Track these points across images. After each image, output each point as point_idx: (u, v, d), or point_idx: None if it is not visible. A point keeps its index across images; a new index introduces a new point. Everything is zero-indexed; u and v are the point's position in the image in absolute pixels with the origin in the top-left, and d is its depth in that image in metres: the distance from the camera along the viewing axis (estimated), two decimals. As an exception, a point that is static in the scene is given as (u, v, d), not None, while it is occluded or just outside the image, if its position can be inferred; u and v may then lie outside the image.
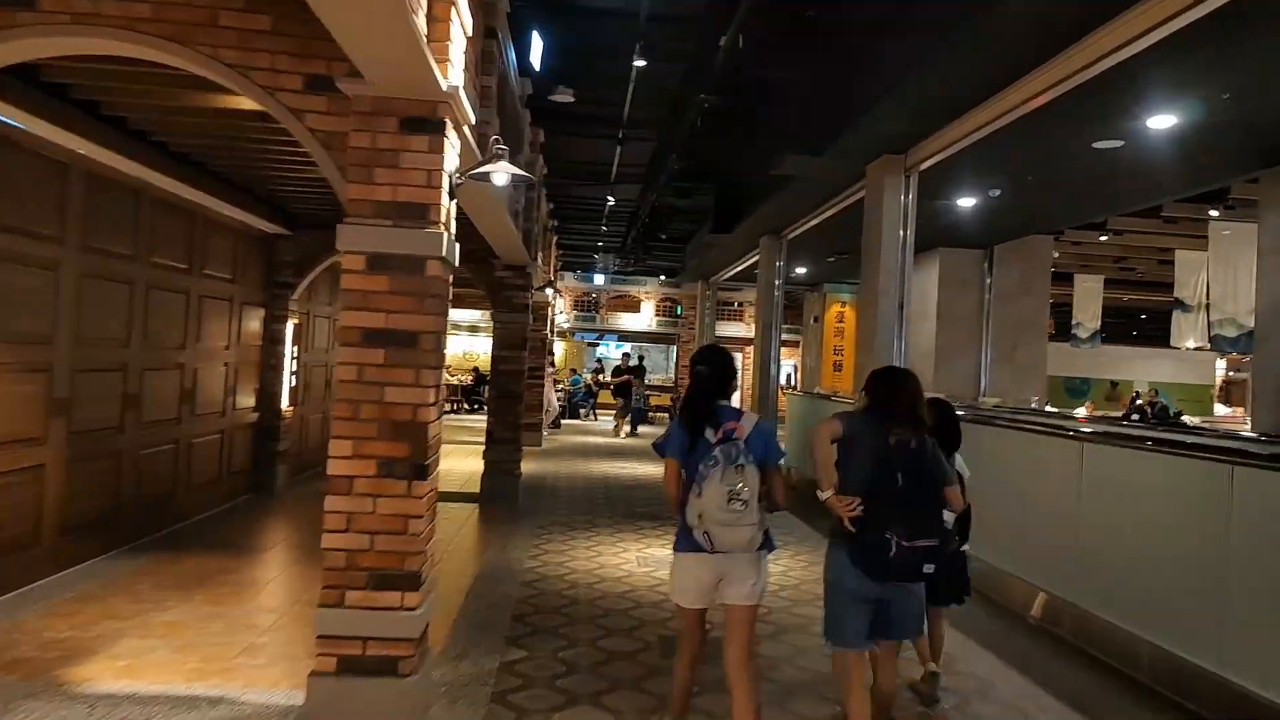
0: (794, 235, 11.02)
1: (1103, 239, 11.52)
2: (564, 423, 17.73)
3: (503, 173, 3.72)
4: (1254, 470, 3.80)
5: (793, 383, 21.32)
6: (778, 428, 12.20)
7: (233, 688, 3.69)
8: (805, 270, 15.17)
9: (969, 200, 8.44)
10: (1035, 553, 5.47)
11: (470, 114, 3.68)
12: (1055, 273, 11.60)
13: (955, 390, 10.58)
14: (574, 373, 21.46)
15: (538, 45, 6.66)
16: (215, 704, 3.52)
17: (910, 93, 5.68)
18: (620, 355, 20.10)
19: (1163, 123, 5.64)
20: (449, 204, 3.58)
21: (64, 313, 5.20)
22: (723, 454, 2.90)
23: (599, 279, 24.76)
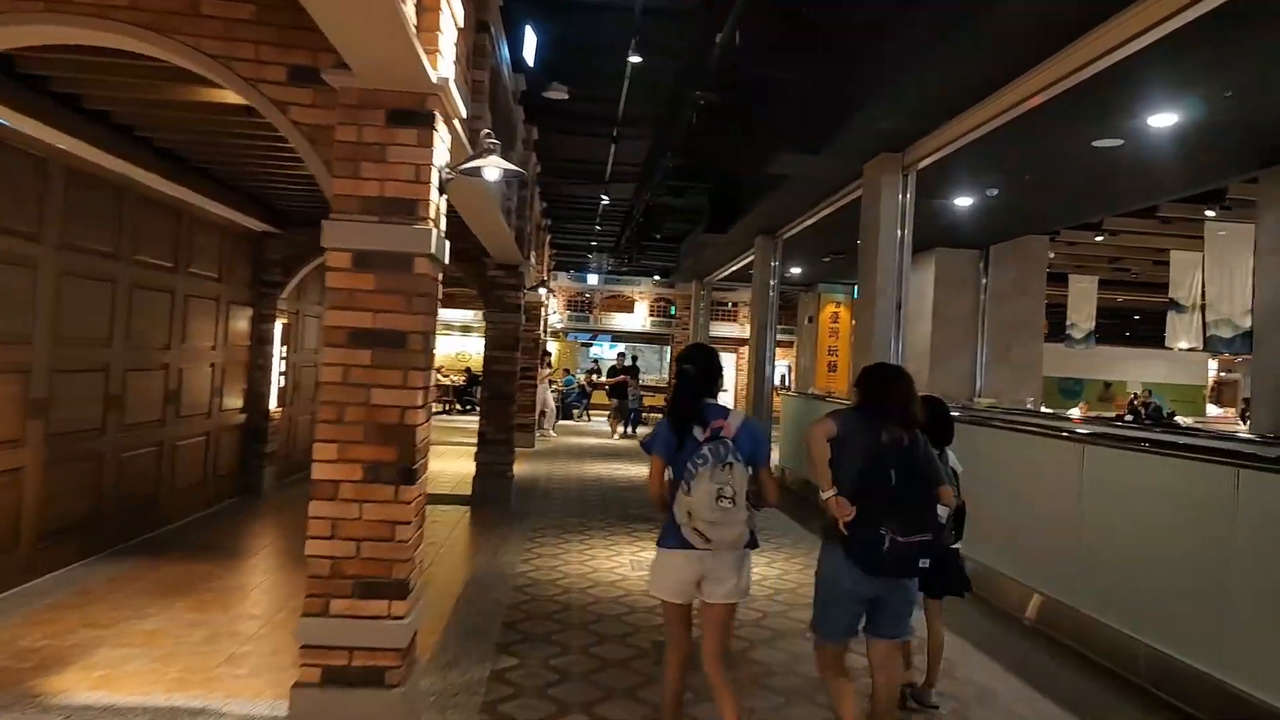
0: (789, 235, 10.96)
1: (1098, 239, 11.48)
2: (558, 423, 17.59)
3: (494, 168, 3.61)
4: (1260, 473, 3.76)
5: (787, 383, 21.27)
6: (772, 429, 12.20)
7: (214, 699, 3.58)
8: (800, 270, 15.13)
9: (966, 200, 8.38)
10: (1033, 554, 5.42)
11: (461, 107, 3.58)
12: (1050, 273, 11.56)
13: (951, 390, 10.53)
14: (567, 373, 21.37)
15: (531, 40, 6.54)
16: (196, 715, 3.41)
17: (909, 90, 5.62)
18: (616, 355, 20.00)
19: (1163, 121, 5.59)
20: (438, 200, 3.48)
21: (42, 311, 5.07)
22: (711, 452, 2.90)
23: (593, 279, 24.67)
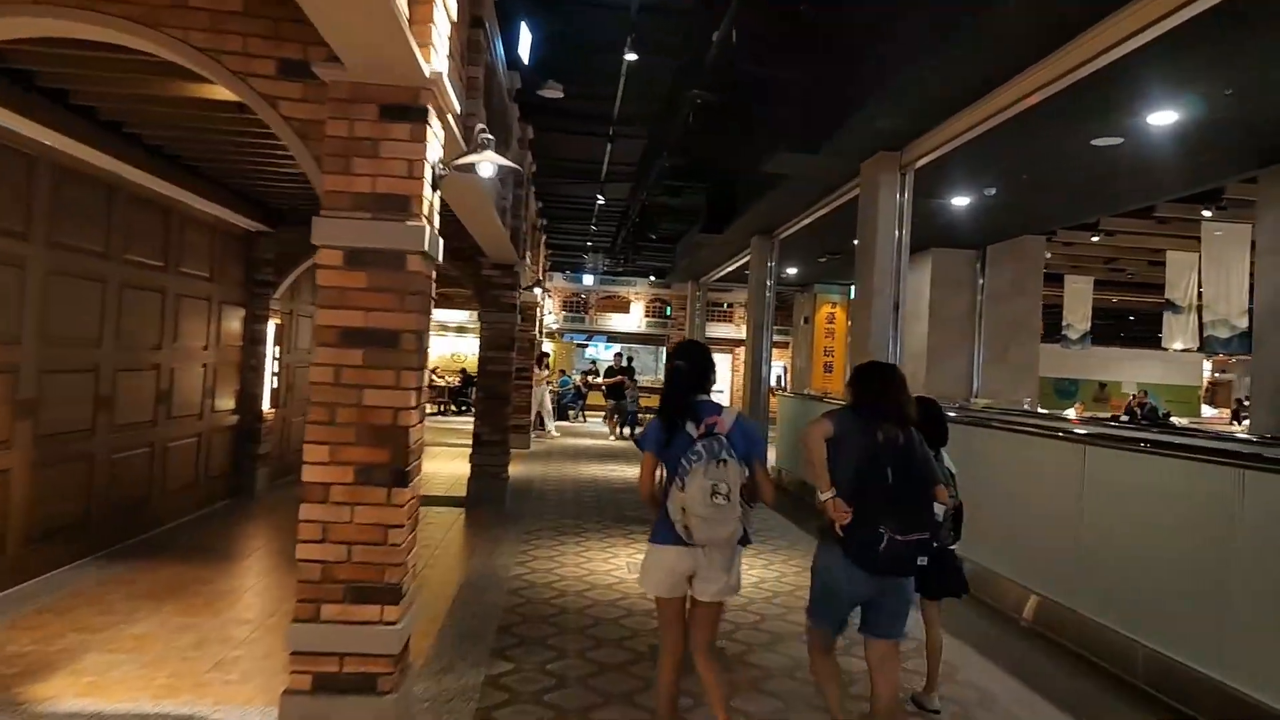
0: (786, 235, 10.91)
1: (1094, 239, 11.46)
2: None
3: (489, 163, 3.54)
4: (1265, 474, 3.72)
5: (782, 384, 21.24)
6: (769, 430, 12.15)
7: (203, 705, 3.51)
8: (796, 270, 15.08)
9: (964, 199, 8.34)
10: (1031, 555, 5.38)
11: (455, 102, 3.52)
12: (1045, 274, 11.54)
13: (948, 391, 10.50)
14: (563, 374, 21.31)
15: (526, 38, 6.47)
16: (183, 723, 3.35)
17: (907, 89, 5.57)
18: (613, 355, 19.94)
19: (1164, 119, 5.55)
20: (432, 196, 3.41)
21: (30, 311, 4.98)
22: (705, 449, 2.91)
23: (588, 279, 24.59)
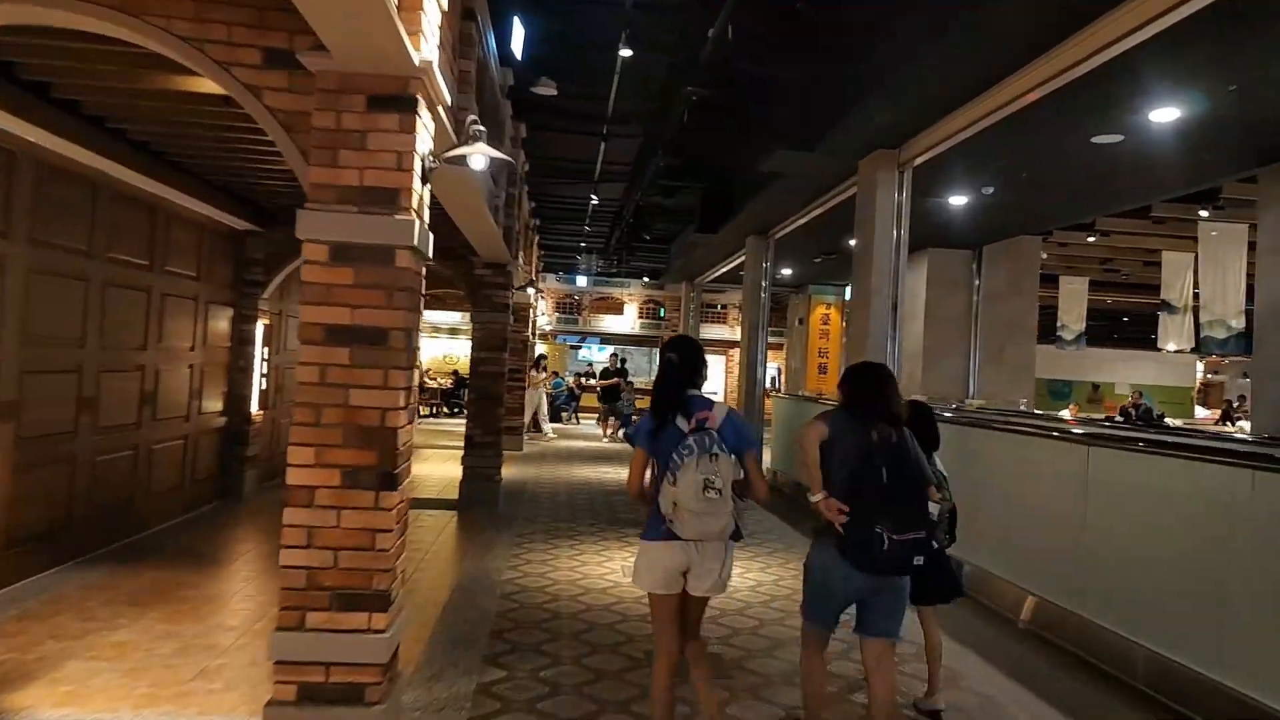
0: (781, 235, 10.84)
1: (1090, 240, 11.43)
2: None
3: (481, 155, 3.44)
4: (1276, 475, 3.64)
5: (776, 385, 21.17)
6: (764, 431, 12.07)
7: (185, 715, 3.39)
8: (790, 271, 15.01)
9: (962, 198, 8.28)
10: (1030, 556, 5.31)
11: (445, 93, 3.41)
12: (1040, 274, 11.50)
13: (944, 392, 10.44)
14: (555, 375, 21.19)
15: (519, 33, 6.37)
16: (164, 735, 3.24)
17: (906, 86, 5.50)
18: (609, 357, 19.86)
19: (1165, 116, 5.49)
20: (421, 189, 3.31)
21: (11, 310, 4.85)
22: (697, 443, 2.91)
23: (581, 280, 24.49)
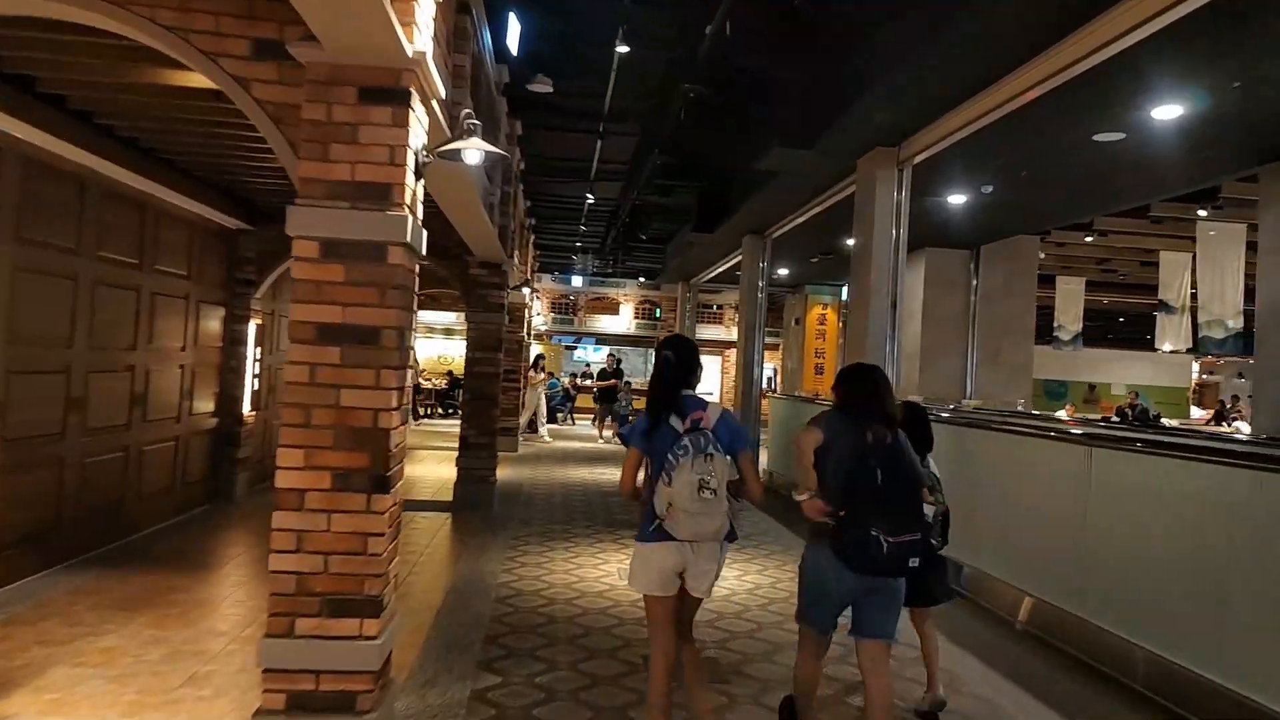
0: (778, 234, 10.78)
1: (1088, 239, 11.40)
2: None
3: (475, 150, 3.36)
4: (1277, 475, 3.59)
5: (773, 385, 21.13)
6: (761, 432, 12.00)
7: (172, 725, 3.31)
8: (787, 271, 14.96)
9: (961, 197, 8.22)
10: (1028, 557, 5.25)
11: (439, 85, 3.33)
12: (1038, 275, 11.46)
13: (941, 392, 10.39)
14: (551, 376, 21.12)
15: (515, 29, 6.28)
16: (150, 744, 3.15)
17: (905, 83, 5.44)
18: (606, 357, 19.81)
19: (1168, 113, 5.44)
20: (415, 185, 3.23)
21: (-4, 309, 4.77)
22: (692, 443, 2.90)
23: (577, 281, 24.41)
